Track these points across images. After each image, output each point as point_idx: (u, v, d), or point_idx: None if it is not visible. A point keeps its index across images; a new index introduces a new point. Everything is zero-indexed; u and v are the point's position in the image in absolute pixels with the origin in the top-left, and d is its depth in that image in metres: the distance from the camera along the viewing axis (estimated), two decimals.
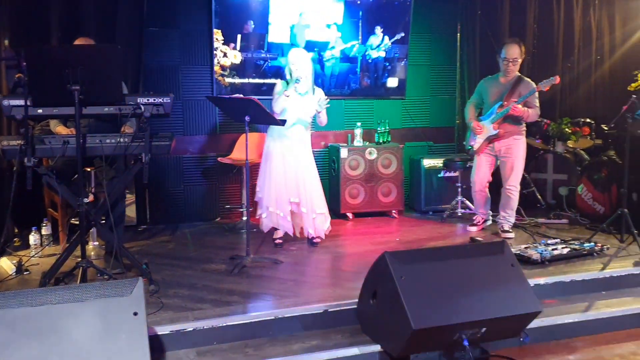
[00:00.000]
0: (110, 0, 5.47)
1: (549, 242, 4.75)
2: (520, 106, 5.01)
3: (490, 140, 5.27)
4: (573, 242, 4.75)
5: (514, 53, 5.14)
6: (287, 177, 4.84)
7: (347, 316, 3.53)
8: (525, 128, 5.31)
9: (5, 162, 4.74)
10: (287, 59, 4.92)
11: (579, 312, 3.75)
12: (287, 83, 4.80)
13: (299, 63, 4.77)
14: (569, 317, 3.67)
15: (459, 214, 6.10)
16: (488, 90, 5.33)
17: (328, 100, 4.87)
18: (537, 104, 5.14)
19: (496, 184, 5.48)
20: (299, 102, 4.83)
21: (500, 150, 5.27)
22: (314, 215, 4.93)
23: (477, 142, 5.35)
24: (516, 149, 5.22)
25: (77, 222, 3.86)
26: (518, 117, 5.11)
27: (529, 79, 5.22)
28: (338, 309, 3.55)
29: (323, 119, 4.97)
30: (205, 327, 3.30)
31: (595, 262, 4.40)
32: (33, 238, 4.72)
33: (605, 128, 5.23)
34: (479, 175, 5.41)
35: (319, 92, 4.97)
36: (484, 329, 3.11)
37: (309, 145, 4.99)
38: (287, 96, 4.72)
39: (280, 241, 5.02)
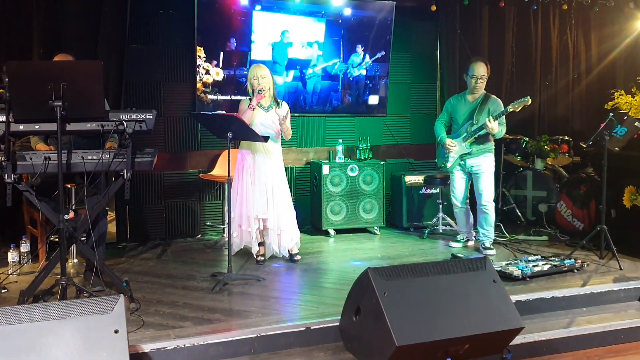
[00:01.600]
0: (93, 17, 5.47)
1: (530, 258, 4.79)
2: (496, 122, 5.05)
3: (462, 158, 5.34)
4: (553, 258, 4.80)
5: (481, 70, 5.24)
6: (255, 193, 4.84)
7: (329, 333, 3.52)
8: (494, 145, 5.38)
9: None
10: (248, 75, 4.94)
11: (560, 329, 3.77)
12: (250, 100, 4.83)
13: (260, 77, 4.78)
14: (550, 334, 3.69)
15: (440, 231, 6.14)
16: (457, 109, 5.41)
17: (288, 112, 4.89)
18: (504, 122, 5.20)
19: (472, 201, 5.53)
20: (265, 116, 4.85)
21: (472, 167, 5.33)
22: (279, 232, 4.93)
23: (449, 160, 5.41)
24: (487, 165, 5.29)
25: (57, 239, 3.81)
26: (488, 134, 5.19)
27: (495, 97, 5.32)
28: (320, 326, 3.54)
29: (285, 131, 4.88)
30: (186, 345, 3.26)
31: (576, 279, 4.44)
32: (11, 255, 4.63)
33: (584, 145, 5.31)
34: (457, 192, 5.47)
35: (285, 105, 4.98)
36: (467, 346, 3.12)
37: (279, 160, 4.98)
38: (253, 108, 4.74)
39: (262, 258, 5.00)
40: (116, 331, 2.67)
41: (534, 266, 4.52)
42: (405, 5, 6.66)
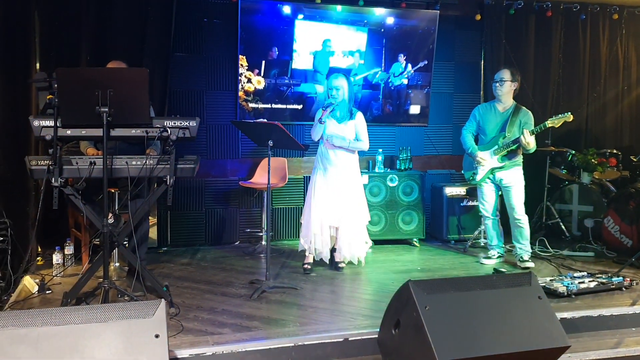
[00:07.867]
0: (139, 26, 5.58)
1: (575, 275, 4.65)
2: (533, 137, 4.93)
3: (492, 171, 5.22)
4: (600, 275, 4.64)
5: (501, 75, 5.13)
6: (330, 203, 4.89)
7: (367, 345, 3.48)
8: (522, 158, 5.21)
9: (33, 182, 4.79)
10: (326, 84, 4.95)
11: (607, 349, 3.63)
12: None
13: (335, 88, 4.83)
14: (597, 354, 3.57)
15: (482, 244, 6.01)
16: (486, 118, 5.27)
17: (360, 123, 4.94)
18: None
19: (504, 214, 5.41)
20: (339, 129, 4.90)
21: (501, 180, 5.20)
22: (349, 240, 4.96)
23: (479, 173, 5.28)
24: (518, 177, 5.17)
25: (100, 243, 3.88)
26: (519, 148, 5.07)
27: (525, 108, 5.17)
28: (359, 337, 3.50)
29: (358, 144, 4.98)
30: (224, 352, 3.27)
31: (624, 297, 4.28)
32: (56, 257, 4.74)
33: (634, 159, 5.14)
34: (487, 204, 5.35)
35: (359, 116, 4.99)
36: None
37: (356, 170, 5.04)
38: (322, 122, 4.77)
39: (309, 267, 4.99)
40: (157, 336, 2.68)
41: (579, 283, 4.38)
42: (449, 15, 6.60)
